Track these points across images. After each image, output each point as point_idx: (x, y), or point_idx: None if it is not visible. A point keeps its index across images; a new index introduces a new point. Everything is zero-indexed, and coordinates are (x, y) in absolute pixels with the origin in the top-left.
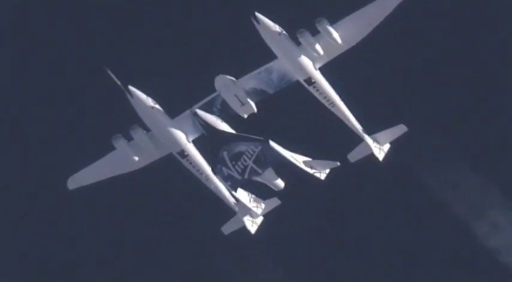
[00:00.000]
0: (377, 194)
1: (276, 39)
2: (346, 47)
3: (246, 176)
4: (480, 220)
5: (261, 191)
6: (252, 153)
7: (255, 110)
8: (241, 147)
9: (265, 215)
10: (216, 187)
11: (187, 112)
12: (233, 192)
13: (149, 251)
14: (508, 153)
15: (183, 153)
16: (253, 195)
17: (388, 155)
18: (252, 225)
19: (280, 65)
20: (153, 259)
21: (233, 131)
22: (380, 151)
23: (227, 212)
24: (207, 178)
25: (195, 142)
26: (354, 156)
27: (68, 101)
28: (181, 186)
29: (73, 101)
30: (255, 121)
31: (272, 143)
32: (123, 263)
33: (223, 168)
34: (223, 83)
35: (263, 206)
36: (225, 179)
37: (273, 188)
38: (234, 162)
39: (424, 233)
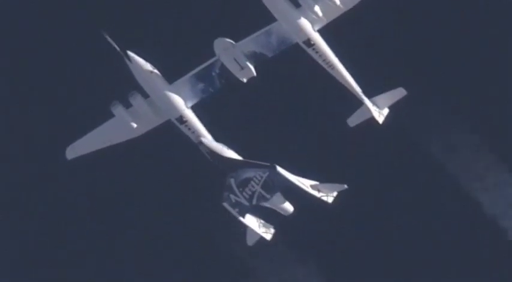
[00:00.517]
0: (377, 159)
1: (275, 0)
2: (344, 9)
3: (254, 202)
4: (478, 182)
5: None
6: (259, 179)
7: (255, 73)
8: (249, 173)
9: None
10: None
11: (186, 77)
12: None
13: (148, 224)
14: (508, 115)
15: (181, 119)
16: (262, 221)
17: (387, 119)
18: None
19: (279, 28)
20: (153, 231)
21: (239, 158)
22: (379, 115)
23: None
24: None
25: (194, 108)
26: (353, 120)
27: (64, 68)
28: (179, 155)
29: (70, 69)
30: (254, 85)
31: (279, 168)
32: (122, 236)
33: (231, 195)
34: (223, 46)
35: (272, 231)
36: (232, 206)
37: (281, 212)
38: (241, 189)
39: (423, 196)
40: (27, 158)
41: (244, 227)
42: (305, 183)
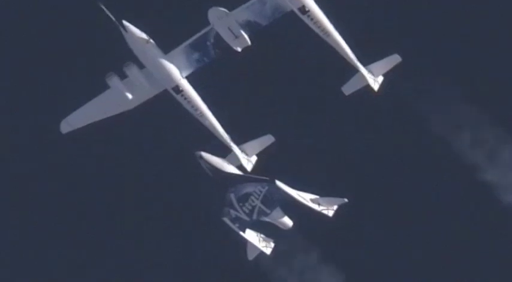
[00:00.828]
0: (372, 127)
1: None
2: None
3: (254, 217)
4: (475, 149)
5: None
6: (259, 193)
7: (249, 42)
8: (248, 188)
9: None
10: (211, 123)
11: (181, 47)
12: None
13: (144, 193)
14: (506, 83)
15: (177, 89)
16: (262, 235)
17: (381, 88)
18: (247, 163)
19: None
20: (148, 200)
21: (239, 172)
22: (375, 82)
23: (222, 149)
24: (202, 114)
25: (189, 78)
26: (348, 88)
27: (58, 41)
28: (175, 126)
29: (64, 41)
30: (250, 54)
31: (278, 183)
32: (119, 208)
33: (231, 211)
34: (217, 15)
35: (272, 245)
36: (232, 221)
37: (281, 227)
38: (241, 204)
39: (420, 164)
40: (21, 133)
41: (245, 241)
42: (305, 197)
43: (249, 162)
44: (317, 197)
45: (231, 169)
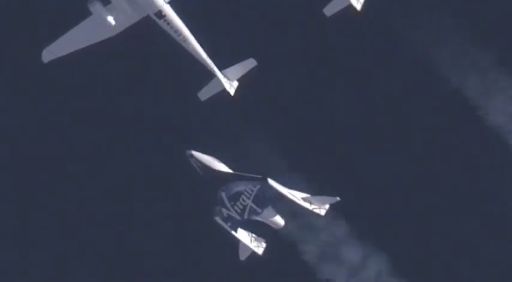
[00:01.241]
0: (356, 49)
1: None
2: None
3: (245, 216)
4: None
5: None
6: (250, 192)
7: None
8: (240, 187)
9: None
10: (194, 48)
11: None
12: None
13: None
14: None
15: (160, 14)
16: (253, 235)
17: (363, 8)
18: (230, 87)
19: None
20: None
21: (230, 171)
22: (357, 2)
23: (206, 75)
24: (185, 39)
25: (171, 3)
26: (330, 9)
27: None
28: (158, 52)
29: None
30: None
31: (271, 181)
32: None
33: (223, 209)
34: None
35: (264, 245)
36: (224, 220)
37: (273, 226)
38: (233, 203)
39: (403, 85)
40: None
41: (237, 241)
42: (297, 196)
43: (231, 87)
44: (309, 195)
45: (222, 167)
